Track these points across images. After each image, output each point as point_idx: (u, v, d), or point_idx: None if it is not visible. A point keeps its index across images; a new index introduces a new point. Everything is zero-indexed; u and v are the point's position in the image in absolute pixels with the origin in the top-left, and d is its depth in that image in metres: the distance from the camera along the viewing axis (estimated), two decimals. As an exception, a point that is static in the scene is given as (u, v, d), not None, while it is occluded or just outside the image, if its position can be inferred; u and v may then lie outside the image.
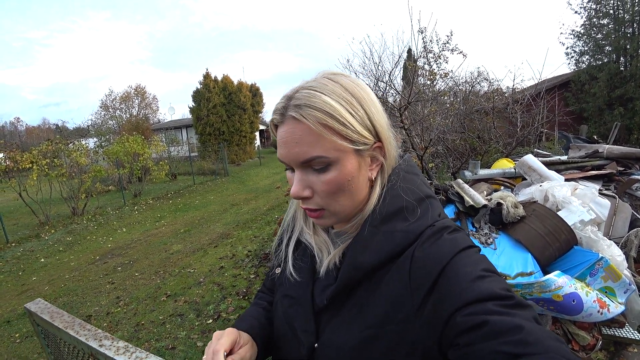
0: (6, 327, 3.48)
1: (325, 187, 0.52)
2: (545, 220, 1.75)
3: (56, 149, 8.34)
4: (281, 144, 0.53)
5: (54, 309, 0.94)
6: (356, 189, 0.54)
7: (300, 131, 0.50)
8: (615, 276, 1.55)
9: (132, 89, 26.68)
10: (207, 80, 18.05)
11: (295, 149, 0.50)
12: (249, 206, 8.23)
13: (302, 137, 0.50)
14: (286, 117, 0.51)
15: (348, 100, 0.51)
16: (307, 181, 0.53)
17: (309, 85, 0.52)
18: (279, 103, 0.53)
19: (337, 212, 0.55)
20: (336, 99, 0.50)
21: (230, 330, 0.56)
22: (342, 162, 0.51)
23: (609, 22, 11.41)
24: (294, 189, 0.53)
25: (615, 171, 2.23)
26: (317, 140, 0.49)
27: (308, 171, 0.52)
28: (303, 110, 0.49)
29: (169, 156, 14.58)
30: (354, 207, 0.56)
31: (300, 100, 0.50)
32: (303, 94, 0.50)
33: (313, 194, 0.53)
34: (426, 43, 4.68)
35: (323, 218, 0.56)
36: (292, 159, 0.52)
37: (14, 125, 43.44)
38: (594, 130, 10.43)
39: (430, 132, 4.27)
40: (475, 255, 0.50)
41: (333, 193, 0.52)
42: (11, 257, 5.83)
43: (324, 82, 0.51)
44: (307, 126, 0.49)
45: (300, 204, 0.56)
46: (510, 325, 0.39)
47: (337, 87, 0.51)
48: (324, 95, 0.49)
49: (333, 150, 0.50)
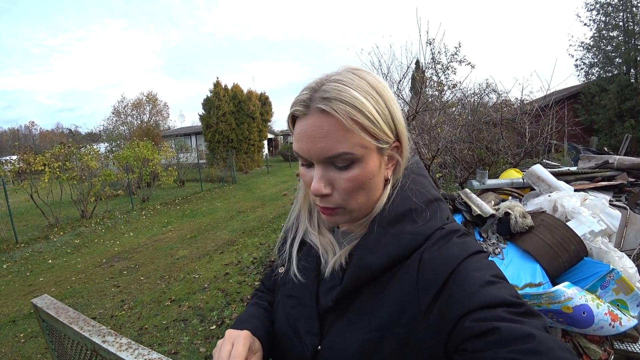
0: (11, 326, 3.51)
1: (347, 185, 0.51)
2: (554, 231, 1.72)
3: (68, 152, 8.51)
4: (303, 137, 0.50)
5: (60, 305, 0.95)
6: (374, 188, 0.54)
7: (328, 125, 0.48)
8: (627, 289, 1.50)
9: (144, 96, 27.20)
10: (218, 88, 18.36)
11: (321, 143, 0.49)
12: (256, 214, 8.25)
13: (330, 132, 0.48)
14: (312, 109, 0.49)
15: (374, 97, 0.50)
16: (328, 178, 0.51)
17: (335, 78, 0.50)
18: (302, 94, 0.51)
19: (353, 210, 0.54)
20: (364, 95, 0.49)
21: (246, 335, 0.54)
22: (366, 159, 0.50)
23: (619, 34, 11.36)
24: (315, 186, 0.51)
25: (626, 182, 2.18)
26: (345, 136, 0.48)
27: (329, 168, 0.51)
28: (333, 104, 0.47)
29: (177, 162, 14.76)
30: (370, 206, 0.55)
31: (329, 93, 0.48)
32: (331, 87, 0.48)
33: (333, 191, 0.52)
34: (434, 54, 4.72)
35: (337, 215, 0.55)
36: (316, 154, 0.50)
37: (28, 128, 44.63)
38: (605, 142, 10.29)
39: (437, 142, 4.26)
40: (484, 260, 0.49)
41: (354, 191, 0.52)
42: (20, 257, 5.92)
43: (350, 76, 0.50)
44: (337, 120, 0.47)
45: (317, 201, 0.55)
46: (521, 333, 0.38)
47: (363, 83, 0.50)
48: (352, 90, 0.48)
49: (359, 147, 0.49)
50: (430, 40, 4.45)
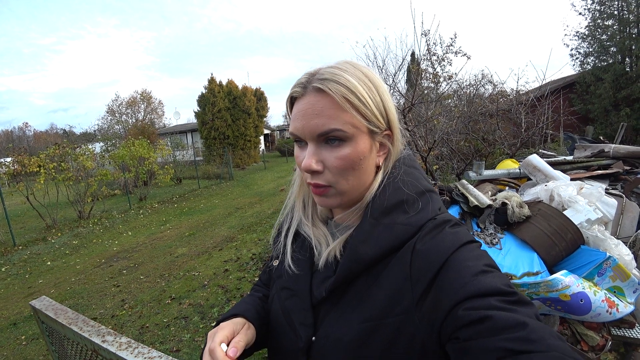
0: (12, 329, 3.50)
1: (338, 162, 0.52)
2: (551, 220, 1.73)
3: (63, 153, 8.44)
4: (299, 116, 0.53)
5: (59, 306, 0.94)
6: (365, 171, 0.55)
7: (322, 103, 0.51)
8: (623, 275, 1.52)
9: (138, 94, 27.02)
10: (212, 84, 18.22)
11: (315, 120, 0.51)
12: (254, 210, 8.24)
13: (324, 109, 0.51)
14: (308, 89, 0.53)
15: (367, 84, 0.53)
16: (320, 155, 0.53)
17: (333, 65, 0.54)
18: (301, 78, 0.55)
19: (344, 192, 0.55)
20: (357, 80, 0.52)
21: (224, 324, 0.56)
22: (357, 139, 0.53)
23: (614, 23, 11.33)
24: (306, 162, 0.53)
25: (621, 170, 2.20)
26: (338, 114, 0.51)
27: (322, 145, 0.53)
28: (329, 84, 0.51)
29: (174, 160, 14.68)
30: (360, 189, 0.56)
31: (325, 75, 0.52)
32: (327, 71, 0.52)
33: (324, 169, 0.54)
34: (430, 46, 4.70)
35: (327, 196, 0.56)
36: (309, 131, 0.52)
37: (22, 130, 44.16)
38: (600, 131, 10.33)
39: (434, 134, 4.26)
40: (477, 250, 0.50)
41: (344, 170, 0.53)
42: (18, 260, 5.89)
43: (346, 66, 0.54)
44: (330, 98, 0.51)
45: (308, 178, 0.56)
46: (513, 322, 0.39)
47: (358, 71, 0.54)
48: (347, 74, 0.52)
49: (351, 126, 0.51)
50: (426, 32, 4.43)
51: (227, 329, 0.55)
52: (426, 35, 4.47)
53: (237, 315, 0.61)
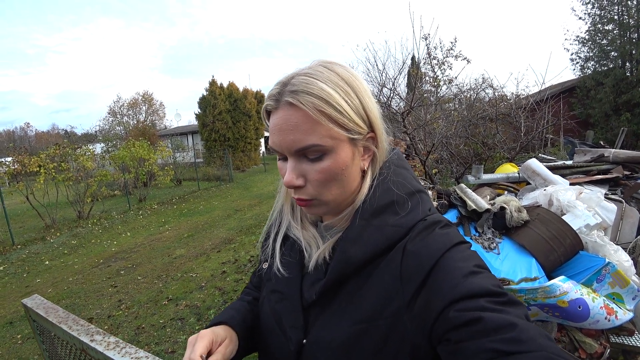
0: (8, 328, 3.49)
1: (319, 176, 0.51)
2: (549, 225, 1.71)
3: (63, 153, 8.45)
4: (275, 131, 0.51)
5: (50, 305, 0.94)
6: (349, 179, 0.54)
7: (296, 118, 0.48)
8: (623, 282, 1.51)
9: (140, 95, 27.09)
10: (213, 87, 18.26)
11: (290, 136, 0.49)
12: (253, 212, 8.23)
13: (298, 124, 0.48)
14: (281, 102, 0.50)
15: (344, 89, 0.50)
16: (300, 170, 0.52)
17: (305, 72, 0.51)
18: (273, 89, 0.52)
19: (329, 202, 0.54)
20: (332, 86, 0.49)
21: (203, 333, 0.54)
22: (337, 151, 0.51)
23: (614, 28, 11.35)
24: (287, 178, 0.51)
25: (621, 175, 2.18)
26: (313, 128, 0.48)
27: (302, 160, 0.51)
28: (300, 97, 0.48)
29: (174, 162, 14.70)
30: (346, 197, 0.55)
31: (297, 86, 0.49)
32: (299, 80, 0.49)
33: (306, 183, 0.52)
34: (430, 49, 4.71)
35: (313, 207, 0.55)
36: (287, 147, 0.50)
37: (24, 130, 44.26)
38: (601, 136, 10.33)
39: (433, 137, 4.26)
40: (467, 251, 0.49)
41: (326, 182, 0.52)
42: (16, 259, 5.88)
43: (319, 69, 0.51)
44: (304, 112, 0.48)
45: (292, 193, 0.55)
46: (503, 323, 0.38)
47: (332, 75, 0.50)
48: (320, 82, 0.49)
49: (329, 138, 0.49)
50: (426, 36, 4.44)
51: (206, 338, 0.53)
52: (426, 39, 4.48)
53: (222, 322, 0.60)
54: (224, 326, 0.59)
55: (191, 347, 0.52)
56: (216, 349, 0.54)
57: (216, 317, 0.63)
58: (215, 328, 0.57)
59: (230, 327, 0.60)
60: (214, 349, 0.53)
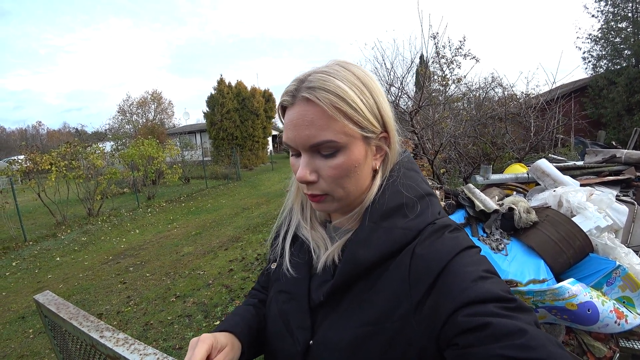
0: (21, 322, 3.57)
1: (332, 172, 0.51)
2: (558, 226, 1.69)
3: (74, 151, 8.60)
4: (290, 126, 0.52)
5: (61, 301, 0.96)
6: (361, 177, 0.54)
7: (312, 113, 0.49)
8: (633, 285, 1.48)
9: (149, 94, 27.42)
10: (221, 85, 18.37)
11: (306, 131, 0.50)
12: (260, 210, 8.28)
13: (314, 120, 0.49)
14: (298, 98, 0.51)
15: (359, 88, 0.51)
16: (313, 165, 0.52)
17: (322, 70, 0.52)
18: (289, 85, 0.53)
19: (340, 198, 0.54)
20: (348, 84, 0.50)
21: (204, 337, 0.54)
22: (351, 147, 0.51)
23: (628, 25, 11.11)
24: (300, 173, 0.52)
25: (634, 177, 2.14)
26: (329, 124, 0.49)
27: (315, 155, 0.52)
28: (317, 93, 0.49)
29: (182, 160, 14.83)
30: (357, 195, 0.56)
31: (314, 83, 0.50)
32: (316, 77, 0.50)
33: (318, 179, 0.53)
34: (438, 48, 4.66)
35: (324, 203, 0.55)
36: (301, 142, 0.51)
37: (36, 128, 45.17)
38: (613, 136, 10.12)
39: (441, 136, 4.23)
40: (476, 256, 0.49)
41: (339, 178, 0.52)
42: (28, 255, 6.01)
43: (336, 68, 0.52)
44: (320, 108, 0.49)
45: (304, 189, 0.56)
46: (513, 329, 0.38)
47: (349, 74, 0.51)
48: (337, 80, 0.50)
49: (343, 135, 0.50)
50: (434, 34, 4.40)
51: (206, 343, 0.52)
52: (435, 37, 4.44)
53: (226, 330, 0.59)
54: (227, 333, 0.59)
55: (192, 350, 0.51)
56: (215, 355, 0.53)
57: (221, 324, 0.63)
58: (218, 334, 0.57)
59: (234, 334, 0.59)
60: (213, 354, 0.53)
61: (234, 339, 0.59)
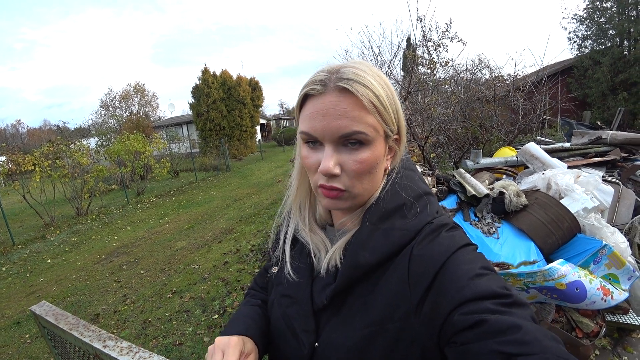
0: (16, 328, 3.53)
1: (357, 166, 0.51)
2: (548, 209, 1.73)
3: (58, 150, 8.35)
4: (317, 116, 0.51)
5: (59, 311, 0.95)
6: (378, 175, 0.55)
7: (346, 104, 0.49)
8: (619, 263, 1.54)
9: (131, 87, 26.61)
10: (206, 75, 17.96)
11: (337, 121, 0.49)
12: (252, 201, 8.24)
13: (348, 110, 0.49)
14: (330, 87, 0.50)
15: (385, 88, 0.53)
16: (338, 158, 0.52)
17: (352, 65, 0.52)
18: (318, 75, 0.52)
19: (357, 195, 0.54)
20: (378, 83, 0.52)
21: (234, 342, 0.54)
22: (375, 144, 0.52)
23: (612, 5, 11.18)
24: (326, 164, 0.50)
25: (619, 157, 2.20)
26: (362, 116, 0.50)
27: (341, 148, 0.52)
28: (354, 84, 0.49)
29: (170, 153, 14.60)
30: (370, 193, 0.56)
31: (349, 75, 0.50)
32: (349, 70, 0.50)
33: (341, 172, 0.52)
34: (425, 32, 4.63)
35: (340, 200, 0.54)
36: (331, 132, 0.50)
37: (15, 127, 43.55)
38: (598, 116, 10.32)
39: (431, 121, 4.24)
40: (473, 253, 0.50)
41: (362, 174, 0.52)
42: (18, 259, 5.89)
43: (365, 67, 0.53)
44: (356, 100, 0.49)
45: (322, 180, 0.53)
46: (508, 325, 0.39)
47: (376, 75, 0.53)
48: (369, 77, 0.51)
49: (372, 129, 0.51)
50: (421, 17, 4.36)
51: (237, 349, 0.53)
52: (421, 20, 4.40)
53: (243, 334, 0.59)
54: (249, 339, 0.59)
55: (220, 352, 0.51)
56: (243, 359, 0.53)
57: (234, 325, 0.62)
58: (245, 338, 0.57)
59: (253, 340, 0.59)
60: None
61: (253, 346, 0.59)
